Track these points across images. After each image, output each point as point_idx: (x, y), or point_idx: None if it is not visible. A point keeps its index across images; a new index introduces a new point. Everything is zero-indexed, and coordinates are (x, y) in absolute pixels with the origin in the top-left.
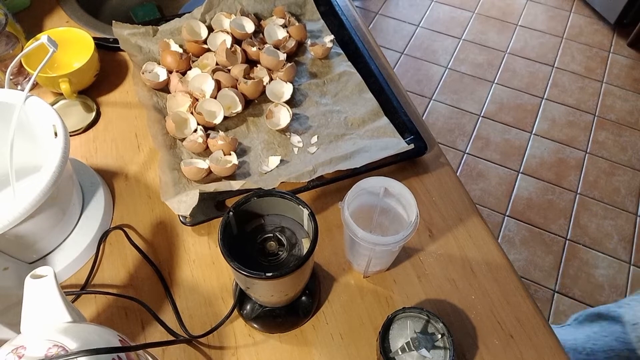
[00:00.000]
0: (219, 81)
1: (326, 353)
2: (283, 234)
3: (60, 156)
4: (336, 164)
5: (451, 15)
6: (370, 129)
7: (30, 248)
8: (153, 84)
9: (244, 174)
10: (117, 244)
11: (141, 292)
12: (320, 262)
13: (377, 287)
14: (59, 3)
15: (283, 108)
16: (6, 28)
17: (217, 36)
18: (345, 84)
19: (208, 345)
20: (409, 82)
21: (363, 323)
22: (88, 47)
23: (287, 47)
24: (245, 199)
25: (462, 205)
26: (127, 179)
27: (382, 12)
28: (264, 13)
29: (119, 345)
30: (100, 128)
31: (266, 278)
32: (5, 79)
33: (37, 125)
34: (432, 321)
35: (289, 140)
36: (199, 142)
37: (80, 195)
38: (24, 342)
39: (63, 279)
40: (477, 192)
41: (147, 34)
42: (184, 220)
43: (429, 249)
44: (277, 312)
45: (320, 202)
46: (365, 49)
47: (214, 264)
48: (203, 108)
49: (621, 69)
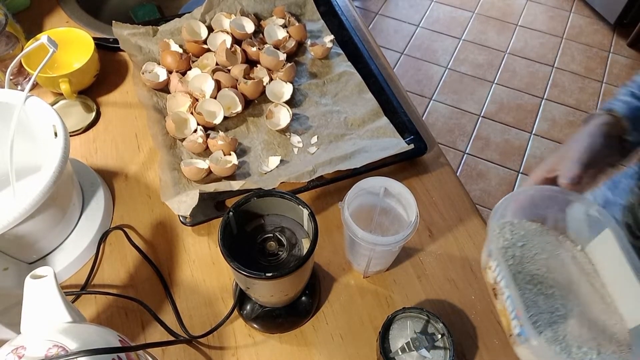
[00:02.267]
0: (219, 81)
1: (326, 353)
2: (283, 234)
3: (60, 156)
4: (336, 164)
5: (451, 15)
6: (370, 129)
7: (30, 248)
8: (153, 84)
9: (244, 174)
10: (117, 244)
11: (141, 292)
12: (320, 262)
13: (377, 287)
14: (59, 3)
15: (283, 108)
16: (6, 28)
17: (217, 36)
18: (345, 84)
19: (208, 346)
20: (409, 82)
21: (363, 323)
22: (88, 47)
23: (287, 47)
24: (245, 199)
25: (462, 205)
26: (127, 179)
27: (382, 12)
28: (264, 13)
29: (119, 346)
30: (100, 128)
31: (266, 278)
32: (5, 79)
33: (37, 125)
34: (432, 321)
35: (289, 141)
36: (199, 142)
37: (80, 196)
38: (24, 342)
39: (63, 279)
40: (477, 192)
41: (147, 34)
42: (184, 220)
43: (429, 249)
44: (277, 312)
45: (320, 202)
46: (365, 49)
47: (214, 264)
48: (203, 108)
49: (621, 69)
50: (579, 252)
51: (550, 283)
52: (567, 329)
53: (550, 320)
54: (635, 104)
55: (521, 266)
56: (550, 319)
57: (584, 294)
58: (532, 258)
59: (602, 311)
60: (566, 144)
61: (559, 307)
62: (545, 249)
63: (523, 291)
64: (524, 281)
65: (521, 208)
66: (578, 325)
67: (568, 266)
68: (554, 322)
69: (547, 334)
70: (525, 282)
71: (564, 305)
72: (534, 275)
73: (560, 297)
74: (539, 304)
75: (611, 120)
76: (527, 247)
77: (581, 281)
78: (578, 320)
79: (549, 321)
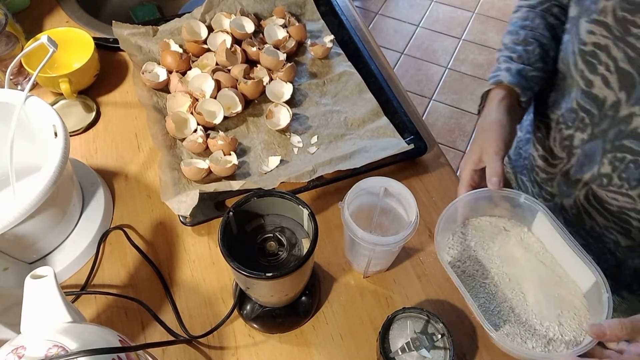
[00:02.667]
0: (219, 81)
1: (326, 353)
2: (283, 234)
3: (60, 156)
4: (336, 164)
5: (451, 15)
6: (370, 129)
7: (30, 248)
8: (153, 84)
9: (244, 174)
10: (117, 244)
11: (141, 292)
12: (320, 262)
13: (377, 287)
14: (59, 3)
15: (283, 108)
16: (6, 28)
17: (217, 36)
18: (345, 84)
19: (208, 346)
20: (409, 82)
21: (363, 323)
22: (88, 47)
23: (287, 47)
24: (245, 199)
25: None
26: (127, 179)
27: (382, 12)
28: (264, 13)
29: (119, 346)
30: (100, 128)
31: (266, 278)
32: (5, 79)
33: (37, 125)
34: (432, 321)
35: (289, 140)
36: (199, 142)
37: (80, 196)
38: (24, 342)
39: (63, 279)
40: None
41: (147, 34)
42: (184, 220)
43: (429, 249)
44: (277, 312)
45: (320, 202)
46: (365, 49)
47: (214, 264)
48: (203, 108)
49: None
50: (527, 232)
51: (505, 271)
52: (528, 310)
53: (510, 308)
54: (516, 68)
55: (478, 265)
56: (510, 307)
57: (538, 273)
58: (485, 253)
59: (556, 283)
60: (481, 132)
61: (517, 292)
62: (496, 240)
63: (477, 290)
64: (482, 278)
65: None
66: (537, 303)
67: (519, 250)
68: (514, 309)
69: (508, 324)
70: (483, 278)
71: (521, 289)
72: (489, 270)
73: (517, 282)
74: (497, 297)
75: (504, 93)
76: (479, 243)
77: (532, 261)
78: (537, 299)
79: (509, 309)
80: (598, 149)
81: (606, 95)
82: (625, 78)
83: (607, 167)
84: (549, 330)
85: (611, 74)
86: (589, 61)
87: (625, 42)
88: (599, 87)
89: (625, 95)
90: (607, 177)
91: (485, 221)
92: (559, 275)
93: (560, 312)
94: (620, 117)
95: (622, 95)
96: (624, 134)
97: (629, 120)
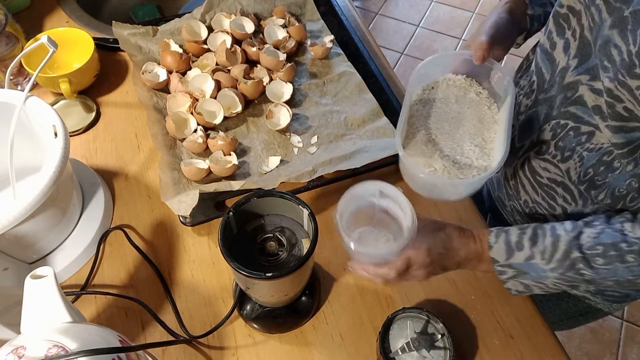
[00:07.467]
0: (219, 81)
1: (326, 353)
2: (283, 234)
3: (60, 156)
4: (336, 164)
5: (451, 15)
6: (370, 129)
7: (30, 248)
8: (153, 84)
9: (244, 174)
10: (117, 244)
11: (141, 292)
12: (320, 262)
13: (377, 287)
14: (59, 3)
15: (283, 108)
16: (6, 28)
17: (217, 36)
18: (345, 84)
19: (208, 346)
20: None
21: (363, 323)
22: (88, 47)
23: (287, 47)
24: (245, 199)
25: (462, 206)
26: (127, 179)
27: (382, 12)
28: (264, 13)
29: (119, 346)
30: (100, 128)
31: (266, 278)
32: (5, 79)
33: (37, 125)
34: (432, 321)
35: (289, 141)
36: (199, 142)
37: (80, 196)
38: (24, 342)
39: (63, 279)
40: None
41: (147, 34)
42: (184, 220)
43: None
44: (277, 312)
45: (320, 202)
46: (365, 49)
47: (214, 264)
48: (203, 108)
49: None
50: (483, 90)
51: (444, 117)
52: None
53: (424, 140)
54: None
55: (429, 107)
56: (425, 140)
57: (474, 123)
58: (440, 100)
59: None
60: (480, 26)
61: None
62: (457, 94)
63: (413, 120)
64: (422, 116)
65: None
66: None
67: (468, 102)
68: (428, 142)
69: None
70: (424, 117)
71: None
72: (433, 113)
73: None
74: (420, 130)
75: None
76: (439, 93)
77: (479, 111)
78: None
79: (423, 141)
80: (540, 115)
81: (560, 60)
82: (584, 47)
83: (547, 134)
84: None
85: (574, 40)
86: (560, 24)
87: (589, 11)
88: (558, 51)
89: (575, 63)
90: (545, 144)
91: (460, 77)
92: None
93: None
94: (565, 84)
95: (573, 62)
96: (570, 101)
97: (575, 87)
